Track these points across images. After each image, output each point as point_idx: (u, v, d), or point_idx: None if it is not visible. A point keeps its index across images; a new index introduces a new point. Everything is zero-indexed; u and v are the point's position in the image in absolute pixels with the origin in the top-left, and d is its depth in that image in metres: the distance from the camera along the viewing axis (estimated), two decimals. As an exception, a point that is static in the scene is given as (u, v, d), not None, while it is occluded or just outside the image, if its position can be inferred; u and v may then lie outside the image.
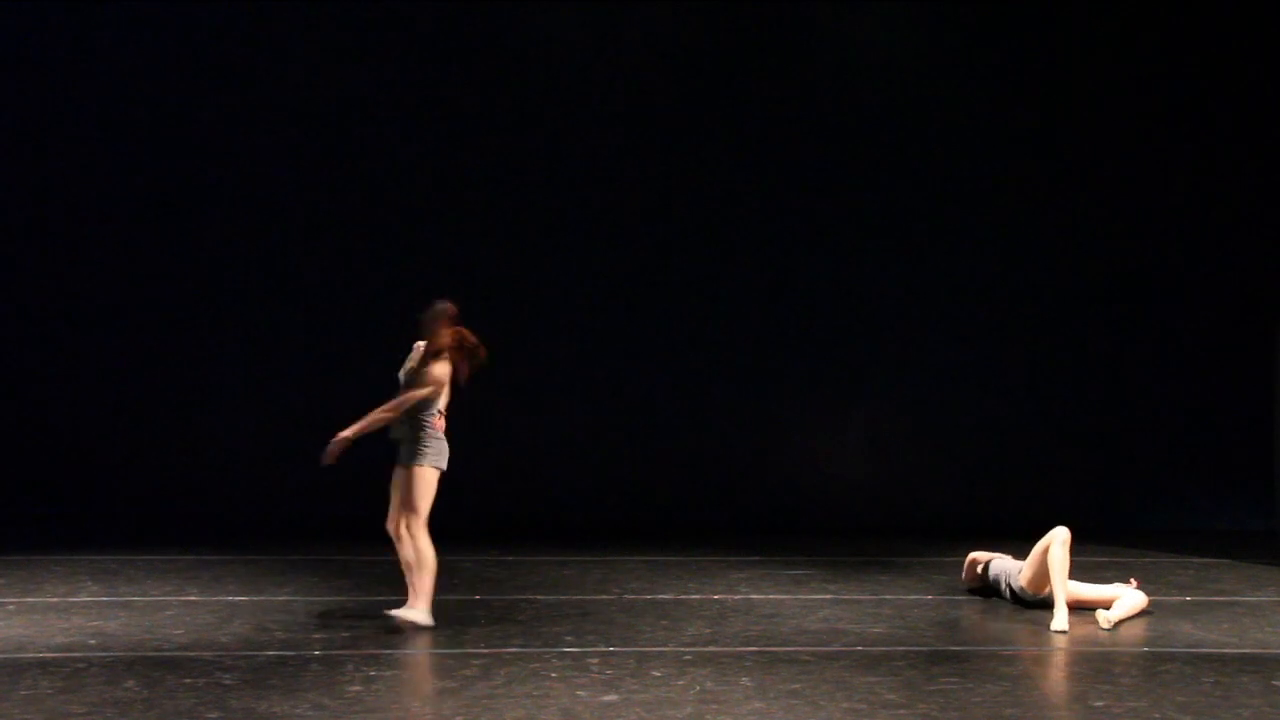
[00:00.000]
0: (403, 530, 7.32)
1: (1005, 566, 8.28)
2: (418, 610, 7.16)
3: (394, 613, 7.16)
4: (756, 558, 9.97)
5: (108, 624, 7.10)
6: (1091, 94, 12.68)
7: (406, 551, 7.27)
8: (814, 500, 12.27)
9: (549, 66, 12.51)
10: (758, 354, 12.49)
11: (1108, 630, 7.31)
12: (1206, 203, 12.69)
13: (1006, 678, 6.31)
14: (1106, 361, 12.67)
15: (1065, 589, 7.55)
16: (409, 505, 7.31)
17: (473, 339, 7.50)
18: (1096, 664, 6.65)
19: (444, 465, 7.40)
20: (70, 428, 12.05)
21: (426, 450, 7.34)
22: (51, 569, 8.89)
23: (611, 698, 5.67)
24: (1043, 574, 7.77)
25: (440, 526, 10.76)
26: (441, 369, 7.41)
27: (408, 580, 7.25)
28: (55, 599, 7.83)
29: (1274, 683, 6.13)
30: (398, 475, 7.46)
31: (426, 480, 7.31)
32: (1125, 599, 7.66)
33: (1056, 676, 6.51)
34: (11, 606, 7.57)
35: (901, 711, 5.53)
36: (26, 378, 12.10)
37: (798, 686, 5.92)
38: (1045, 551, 7.73)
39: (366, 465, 12.15)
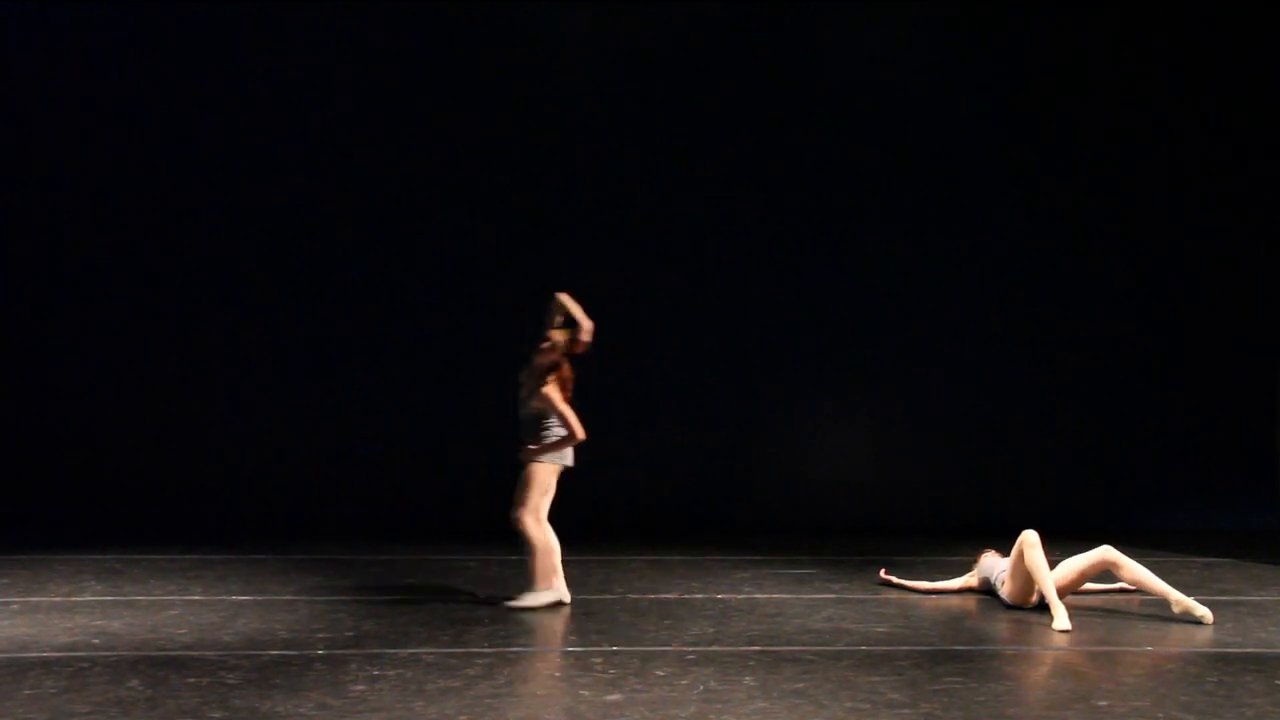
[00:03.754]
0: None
1: (993, 565, 8.26)
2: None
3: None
4: (759, 557, 9.98)
5: (111, 623, 7.11)
6: (1094, 94, 12.68)
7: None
8: (817, 500, 12.27)
9: (552, 68, 12.52)
10: (760, 353, 12.50)
11: (1211, 622, 7.38)
12: (1210, 202, 12.69)
13: (1010, 677, 6.31)
14: (1109, 360, 12.67)
15: (1054, 588, 7.53)
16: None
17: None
18: (1100, 663, 6.65)
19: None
20: (74, 427, 12.07)
21: None
22: (55, 568, 8.90)
23: (615, 697, 5.67)
24: (1026, 583, 7.74)
25: (442, 526, 10.83)
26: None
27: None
28: (59, 598, 7.84)
29: (1277, 682, 6.13)
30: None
31: None
32: (1141, 574, 7.65)
33: (1060, 676, 6.50)
34: (15, 606, 7.57)
35: (905, 711, 5.52)
36: (30, 377, 12.12)
37: (801, 686, 5.92)
38: (1019, 560, 7.70)
39: (368, 465, 12.22)
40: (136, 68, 12.23)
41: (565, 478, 8.03)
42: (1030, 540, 7.65)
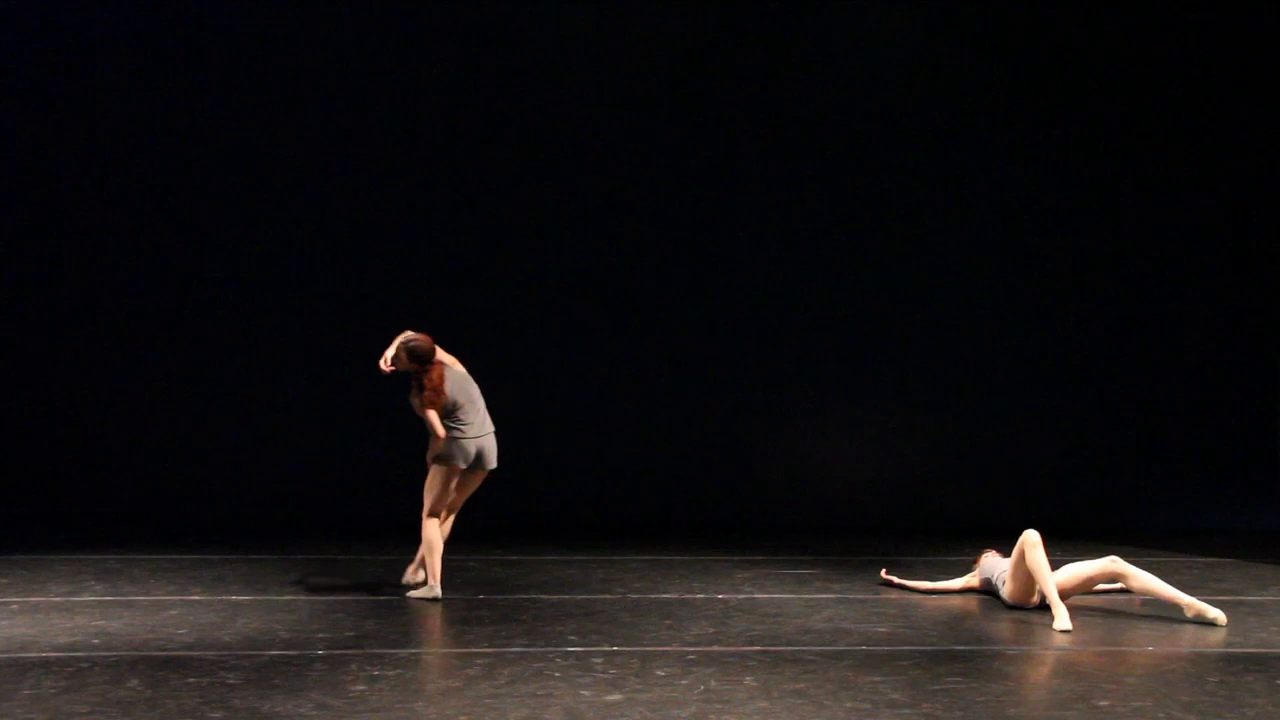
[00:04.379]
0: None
1: (994, 565, 8.25)
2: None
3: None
4: (760, 557, 9.97)
5: (111, 623, 7.10)
6: (1093, 92, 12.67)
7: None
8: (817, 499, 12.26)
9: (552, 65, 12.51)
10: (761, 352, 12.49)
11: (1225, 623, 7.37)
12: (1210, 200, 12.68)
13: (1011, 677, 6.30)
14: (1110, 360, 12.66)
15: (1055, 588, 7.52)
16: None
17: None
18: (1101, 663, 6.64)
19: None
20: (74, 427, 12.06)
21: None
22: (55, 568, 8.89)
23: (615, 697, 5.66)
24: (1027, 583, 7.73)
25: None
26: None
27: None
28: (59, 598, 7.83)
29: (1278, 682, 6.12)
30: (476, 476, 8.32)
31: None
32: (1150, 582, 7.64)
33: (1061, 676, 6.49)
34: (15, 606, 7.57)
35: (905, 711, 5.52)
36: (29, 377, 12.11)
37: (802, 686, 5.91)
38: (1021, 560, 7.70)
39: (367, 465, 12.21)
40: (135, 69, 12.22)
41: (494, 478, 8.43)
42: (1031, 540, 7.64)
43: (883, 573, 8.81)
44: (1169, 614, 7.64)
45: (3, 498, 11.71)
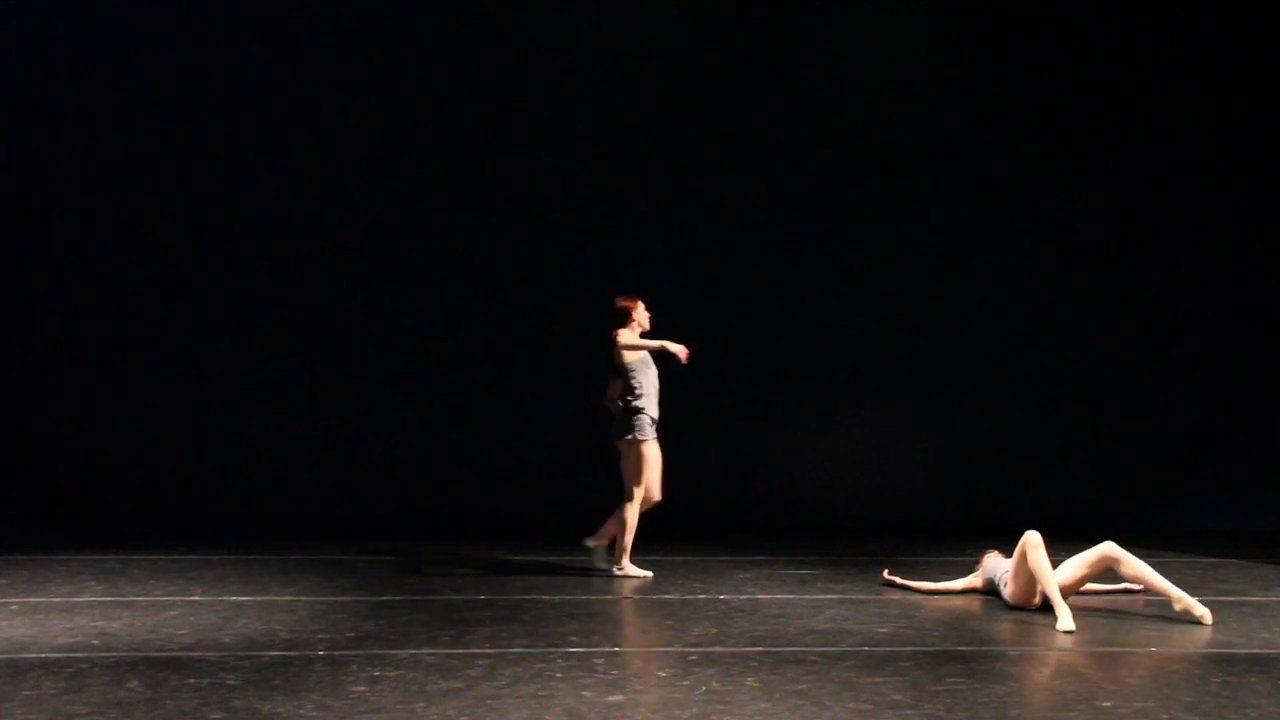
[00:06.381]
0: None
1: (996, 566, 8.23)
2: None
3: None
4: (762, 557, 9.96)
5: (111, 624, 7.08)
6: (1097, 93, 12.67)
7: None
8: (819, 500, 12.25)
9: (549, 66, 12.51)
10: (762, 353, 12.48)
11: (1210, 622, 7.36)
12: (1214, 202, 12.67)
13: (1013, 678, 6.28)
14: (1113, 360, 12.65)
15: (1057, 588, 7.50)
16: None
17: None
18: (1104, 664, 6.62)
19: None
20: (73, 427, 12.06)
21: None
22: (55, 569, 8.87)
23: (617, 698, 5.64)
24: (1029, 584, 7.71)
25: (442, 526, 10.72)
26: None
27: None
28: (58, 599, 7.81)
29: (1282, 683, 6.10)
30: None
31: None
32: (1142, 569, 7.62)
33: (1063, 676, 6.47)
34: (14, 606, 7.55)
35: (908, 712, 5.50)
36: (29, 377, 12.11)
37: (804, 687, 5.89)
38: (1022, 561, 7.68)
39: (367, 465, 12.19)
40: (132, 69, 12.21)
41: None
42: (1033, 541, 7.62)
43: (885, 573, 8.80)
44: (1170, 614, 7.63)
45: (3, 498, 11.70)
